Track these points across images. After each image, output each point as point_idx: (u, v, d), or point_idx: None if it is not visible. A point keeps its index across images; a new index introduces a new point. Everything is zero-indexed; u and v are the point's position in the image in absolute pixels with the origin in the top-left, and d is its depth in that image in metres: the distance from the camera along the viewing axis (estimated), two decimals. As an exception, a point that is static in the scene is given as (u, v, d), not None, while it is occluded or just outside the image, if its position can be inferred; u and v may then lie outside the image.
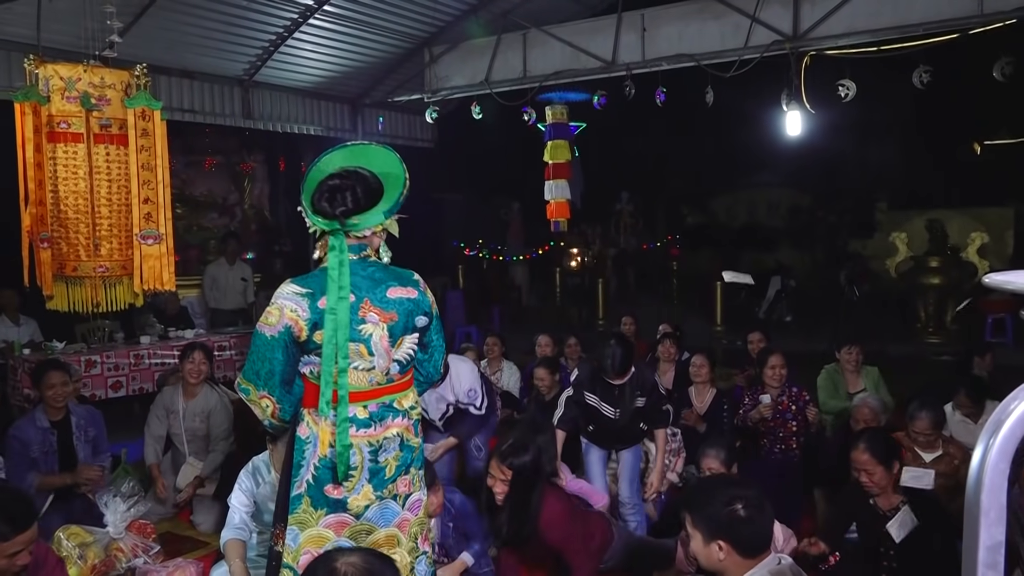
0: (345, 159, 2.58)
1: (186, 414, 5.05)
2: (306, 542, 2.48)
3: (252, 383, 2.47)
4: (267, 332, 2.43)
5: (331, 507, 2.49)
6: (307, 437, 2.50)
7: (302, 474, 2.50)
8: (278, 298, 2.45)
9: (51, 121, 4.61)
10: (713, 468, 3.98)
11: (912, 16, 6.88)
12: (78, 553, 3.76)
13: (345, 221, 2.44)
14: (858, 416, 4.61)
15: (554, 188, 9.50)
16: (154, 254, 4.89)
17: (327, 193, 2.48)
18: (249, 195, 11.95)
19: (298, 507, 2.50)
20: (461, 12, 8.88)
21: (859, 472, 3.39)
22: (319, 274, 2.47)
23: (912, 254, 10.85)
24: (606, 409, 4.34)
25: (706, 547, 2.30)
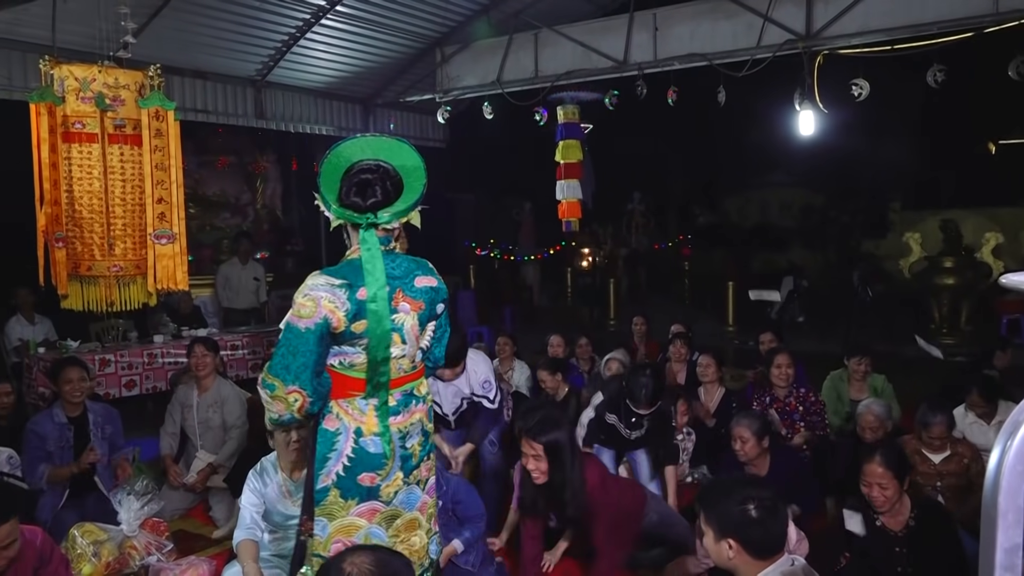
0: (361, 152, 2.58)
1: (199, 407, 5.13)
2: (336, 532, 2.52)
3: (280, 378, 2.41)
4: (301, 324, 2.41)
5: (363, 496, 2.53)
6: (336, 429, 2.51)
7: (329, 466, 2.51)
8: (312, 290, 2.43)
9: (66, 121, 4.64)
10: (744, 437, 4.06)
11: (926, 15, 6.83)
12: (92, 551, 3.78)
13: (377, 214, 2.47)
14: (863, 423, 4.56)
15: (565, 188, 9.49)
16: (167, 253, 4.92)
17: (356, 187, 2.50)
18: (261, 195, 12.00)
19: (325, 499, 2.52)
20: (473, 12, 8.89)
21: (871, 486, 3.25)
22: (349, 266, 2.49)
23: (926, 254, 10.77)
24: (623, 430, 4.45)
25: (716, 544, 2.30)
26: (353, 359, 2.50)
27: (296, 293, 2.45)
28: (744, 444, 4.09)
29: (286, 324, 2.44)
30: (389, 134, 2.72)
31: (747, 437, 4.06)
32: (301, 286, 2.46)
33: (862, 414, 4.59)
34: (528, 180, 13.15)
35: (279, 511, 3.72)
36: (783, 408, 4.98)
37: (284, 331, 2.44)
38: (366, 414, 2.53)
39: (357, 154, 2.57)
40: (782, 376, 5.04)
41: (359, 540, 2.51)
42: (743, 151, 14.94)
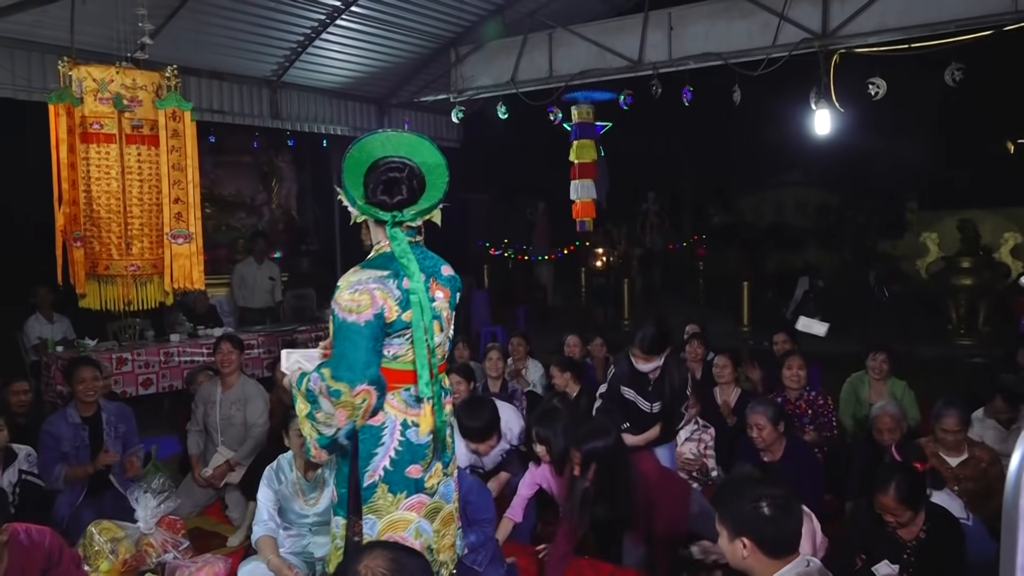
0: (384, 148, 2.59)
1: (222, 404, 5.17)
2: (385, 528, 2.53)
3: (346, 381, 2.38)
4: (360, 320, 2.41)
5: (410, 488, 2.55)
6: (382, 423, 2.52)
7: (376, 462, 2.52)
8: (360, 284, 2.43)
9: (84, 122, 4.68)
10: (761, 424, 4.13)
11: (944, 13, 6.77)
12: (110, 548, 3.81)
13: (403, 211, 2.51)
14: (880, 425, 4.52)
15: (580, 188, 9.48)
16: (184, 253, 4.96)
17: (383, 185, 2.53)
18: (277, 195, 12.06)
19: (372, 496, 2.53)
20: (487, 12, 8.89)
21: (883, 511, 3.24)
22: (386, 258, 2.51)
23: (943, 254, 10.69)
24: (643, 404, 4.31)
25: (731, 543, 2.29)
26: (397, 351, 2.51)
27: (337, 295, 2.45)
28: (761, 431, 4.21)
29: (342, 323, 2.42)
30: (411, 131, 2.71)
31: (763, 424, 4.20)
32: (342, 286, 2.46)
33: (878, 415, 4.55)
34: (542, 180, 13.15)
35: (294, 509, 3.74)
36: (793, 410, 4.96)
37: (341, 331, 2.42)
38: (412, 405, 2.55)
39: (380, 150, 2.59)
40: (793, 378, 5.03)
41: (410, 535, 2.53)
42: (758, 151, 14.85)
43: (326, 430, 2.43)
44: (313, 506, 3.74)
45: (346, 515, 2.58)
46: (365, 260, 2.56)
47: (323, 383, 2.39)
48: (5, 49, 6.43)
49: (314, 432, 2.45)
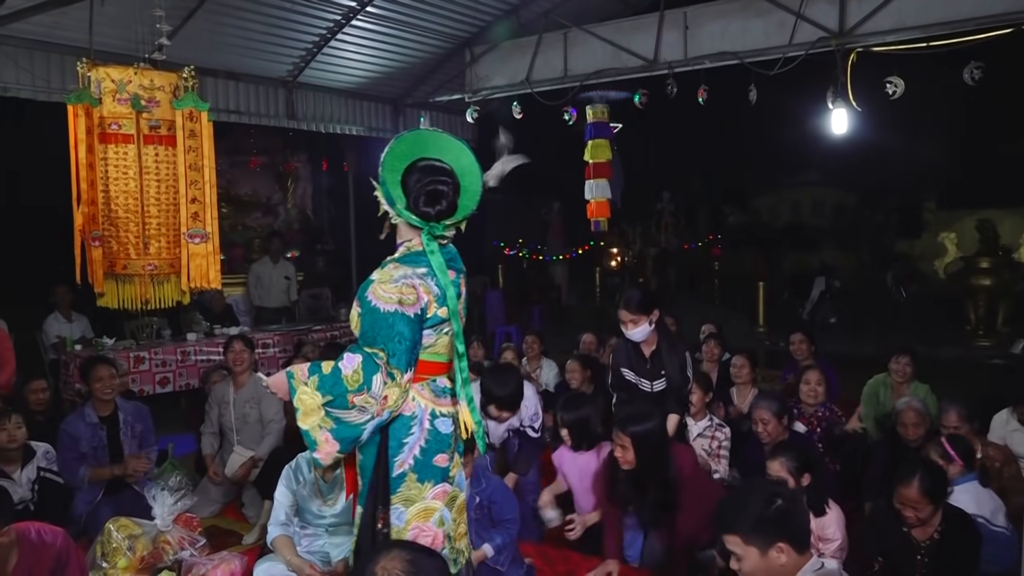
0: (424, 148, 2.65)
1: (236, 403, 5.20)
2: (413, 517, 2.58)
3: (399, 368, 2.44)
4: (410, 311, 2.48)
5: (436, 478, 2.61)
6: (413, 413, 2.57)
7: (406, 451, 2.57)
8: (404, 278, 2.50)
9: (103, 123, 4.72)
10: (765, 418, 4.24)
11: (963, 11, 6.71)
12: (127, 545, 3.84)
13: (439, 224, 2.59)
14: (904, 420, 4.50)
15: (594, 187, 9.45)
16: (201, 252, 4.98)
17: (426, 195, 2.59)
18: (292, 195, 12.12)
19: (401, 485, 2.58)
20: (502, 12, 8.89)
21: (904, 506, 3.23)
22: (419, 255, 2.58)
23: (962, 255, 10.60)
24: (644, 384, 4.32)
25: (765, 557, 2.21)
26: (428, 341, 2.58)
27: (376, 288, 2.49)
28: (766, 425, 4.27)
29: (392, 314, 2.45)
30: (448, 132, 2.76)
31: (768, 418, 4.26)
32: (383, 279, 2.50)
33: (902, 411, 4.53)
34: (557, 180, 13.13)
35: (311, 509, 3.76)
36: (806, 424, 4.91)
37: (388, 320, 2.45)
38: (440, 396, 2.63)
39: (420, 149, 2.64)
40: (811, 394, 4.97)
41: (434, 523, 2.59)
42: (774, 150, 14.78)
43: (356, 417, 2.40)
44: (331, 507, 3.76)
45: (365, 505, 2.62)
46: (399, 256, 2.61)
47: (379, 360, 2.41)
48: (25, 50, 6.49)
49: (328, 422, 2.40)
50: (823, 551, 3.50)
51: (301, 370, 2.47)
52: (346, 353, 2.45)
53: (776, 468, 3.54)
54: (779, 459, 3.56)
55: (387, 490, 2.58)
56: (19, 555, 2.91)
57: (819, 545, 3.52)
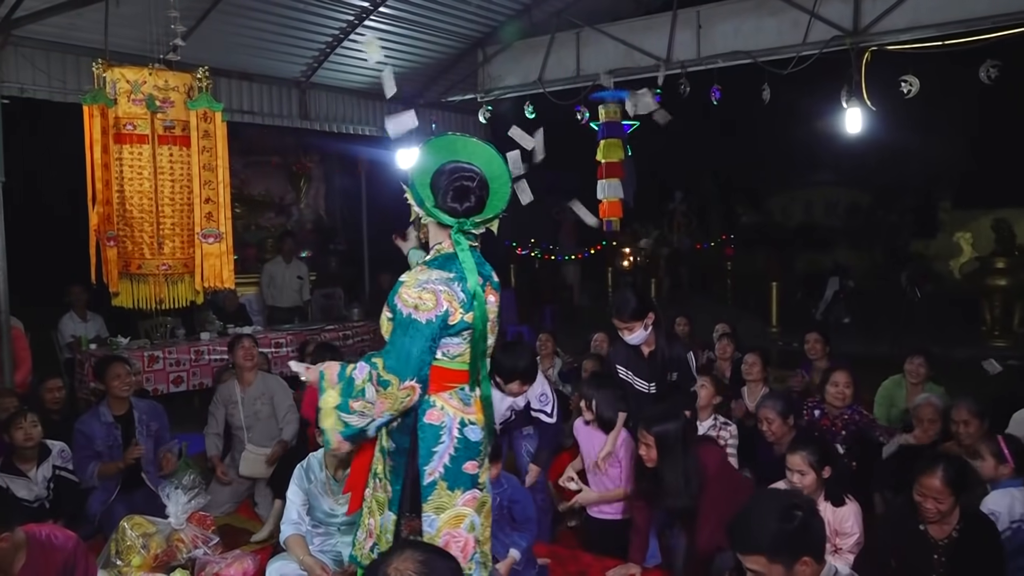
0: (454, 152, 2.67)
1: (245, 402, 5.19)
2: (444, 524, 2.61)
3: (397, 374, 2.46)
4: (423, 318, 2.48)
5: (466, 484, 2.64)
6: (441, 422, 2.59)
7: (436, 460, 2.59)
8: (429, 283, 2.51)
9: (118, 123, 4.74)
10: (770, 417, 4.25)
11: (979, 9, 6.65)
12: (141, 543, 3.86)
13: (468, 220, 2.60)
14: (920, 415, 4.47)
15: (606, 187, 9.43)
16: (214, 252, 4.99)
17: (454, 191, 2.60)
18: (305, 195, 12.15)
19: (432, 493, 2.60)
20: (514, 12, 8.89)
21: (925, 498, 3.17)
22: (448, 259, 2.59)
23: (977, 255, 10.52)
24: (639, 384, 4.25)
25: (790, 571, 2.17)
26: (456, 350, 2.59)
27: (402, 290, 2.51)
28: (771, 424, 4.25)
29: (405, 319, 2.48)
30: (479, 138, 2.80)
31: (772, 417, 4.24)
32: (408, 281, 2.53)
33: (920, 406, 4.52)
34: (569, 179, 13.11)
35: (323, 508, 3.77)
36: (829, 427, 4.77)
37: (402, 326, 2.49)
38: (469, 404, 2.65)
39: (449, 153, 2.67)
40: (839, 396, 4.73)
41: (464, 529, 2.63)
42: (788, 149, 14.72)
43: (358, 421, 2.49)
44: (343, 506, 3.76)
45: (397, 512, 2.64)
46: (429, 259, 2.63)
47: (375, 372, 2.46)
48: (41, 51, 6.54)
49: (339, 425, 2.50)
50: (840, 546, 3.49)
51: (331, 375, 2.53)
52: (360, 361, 2.52)
53: (797, 462, 3.49)
54: (800, 453, 3.51)
55: (418, 498, 2.61)
56: (27, 556, 2.92)
57: (836, 540, 3.49)
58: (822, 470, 3.51)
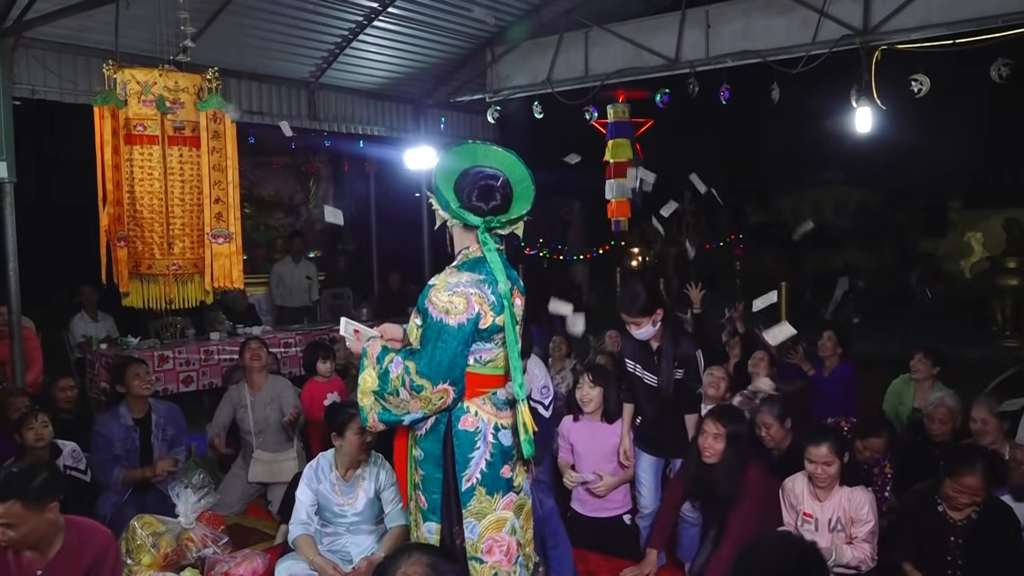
0: (476, 158, 2.69)
1: (255, 406, 5.18)
2: (486, 529, 2.62)
3: (429, 378, 2.47)
4: (453, 322, 2.49)
5: (504, 488, 2.65)
6: (476, 428, 2.60)
7: (472, 466, 2.60)
8: (459, 286, 2.52)
9: (128, 124, 4.77)
10: (768, 422, 4.20)
11: (990, 7, 6.61)
12: (151, 542, 3.88)
13: (495, 218, 2.61)
14: (934, 415, 4.46)
15: (615, 187, 9.44)
16: (224, 252, 5.02)
17: (479, 190, 2.61)
18: (314, 195, 12.17)
19: (471, 500, 2.62)
20: (523, 12, 8.88)
21: (960, 493, 3.23)
22: (478, 262, 2.60)
23: (988, 254, 10.47)
24: (648, 378, 4.24)
25: None
26: (488, 355, 2.60)
27: (432, 294, 2.52)
28: (769, 429, 4.20)
29: (436, 323, 2.49)
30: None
31: (770, 422, 4.18)
32: (438, 285, 2.53)
33: (935, 407, 4.51)
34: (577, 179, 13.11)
35: (331, 508, 3.78)
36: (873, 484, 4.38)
37: (433, 330, 2.49)
38: (502, 409, 2.65)
39: (470, 159, 2.68)
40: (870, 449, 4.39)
41: (506, 533, 2.64)
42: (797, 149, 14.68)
43: (395, 411, 2.54)
44: (352, 506, 3.78)
45: (439, 520, 2.64)
46: (458, 263, 2.64)
47: (407, 376, 2.48)
48: (53, 53, 6.58)
49: (377, 407, 2.55)
50: (855, 534, 3.51)
51: (373, 353, 2.57)
52: (398, 355, 2.54)
53: (824, 454, 3.52)
54: (825, 445, 3.53)
55: (458, 505, 2.62)
56: (63, 542, 2.95)
57: (851, 528, 3.53)
58: (842, 457, 3.59)
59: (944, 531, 3.31)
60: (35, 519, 2.86)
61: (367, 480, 3.79)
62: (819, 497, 3.60)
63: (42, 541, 2.91)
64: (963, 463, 3.27)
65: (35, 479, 2.92)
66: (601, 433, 4.42)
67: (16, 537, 2.84)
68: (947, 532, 3.31)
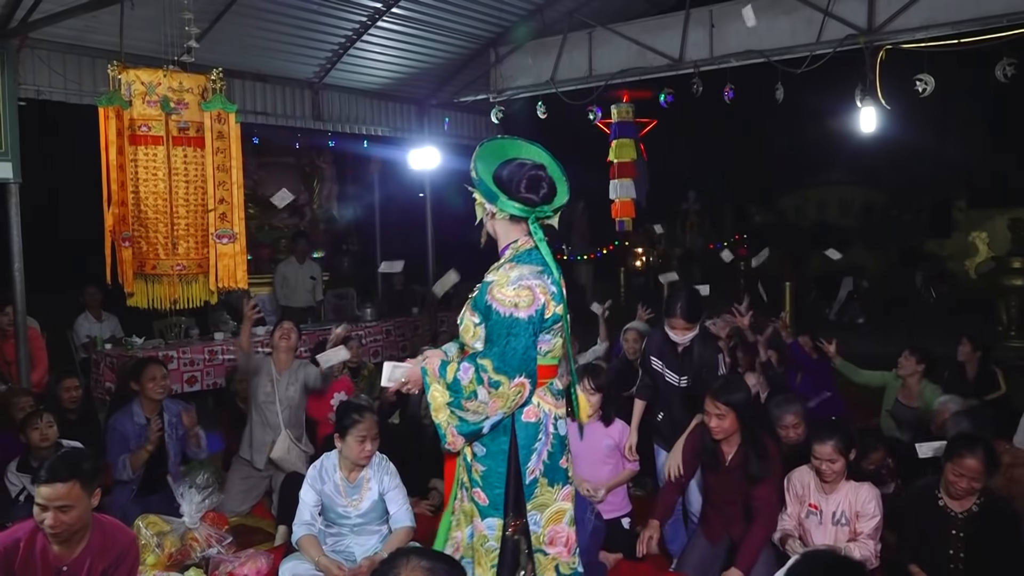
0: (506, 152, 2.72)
1: (280, 383, 5.16)
2: (548, 521, 2.67)
3: (506, 374, 2.48)
4: (523, 315, 2.51)
5: (563, 480, 2.70)
6: (538, 419, 2.63)
7: (535, 458, 2.62)
8: (523, 280, 2.54)
9: (132, 125, 4.76)
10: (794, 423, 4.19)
11: (995, 7, 6.60)
12: (156, 541, 3.89)
13: (545, 207, 2.63)
14: (939, 419, 4.48)
15: (619, 187, 9.44)
16: (228, 253, 5.01)
17: (526, 181, 2.62)
18: (318, 195, 12.18)
19: (534, 492, 2.64)
20: (527, 12, 8.89)
21: (961, 477, 3.27)
22: (531, 254, 2.62)
23: (993, 254, 10.44)
24: (670, 376, 4.26)
25: None
26: (547, 346, 2.62)
27: (495, 290, 2.53)
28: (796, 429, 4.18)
29: (505, 318, 2.50)
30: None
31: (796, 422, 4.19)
32: (500, 281, 2.54)
33: (938, 410, 4.55)
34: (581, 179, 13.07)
35: (335, 510, 3.78)
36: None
37: (502, 326, 2.50)
38: (559, 399, 2.70)
39: (501, 155, 2.70)
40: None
41: (566, 523, 2.69)
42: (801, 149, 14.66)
43: (473, 418, 2.53)
44: (356, 507, 3.78)
45: (502, 516, 2.64)
46: (512, 257, 2.64)
47: (484, 374, 2.48)
48: (58, 54, 6.59)
49: (454, 419, 2.54)
50: (861, 529, 3.54)
51: (433, 368, 2.57)
52: (464, 362, 2.54)
53: (828, 452, 3.55)
54: (830, 442, 3.56)
55: (521, 498, 2.63)
56: (89, 539, 2.90)
57: (856, 524, 3.56)
58: (849, 453, 3.60)
59: (945, 524, 3.34)
60: (85, 505, 2.83)
61: (372, 481, 3.79)
62: (825, 490, 3.64)
63: (78, 534, 2.86)
64: (964, 445, 3.32)
65: (87, 462, 2.90)
66: (597, 435, 4.39)
67: (67, 522, 2.79)
68: (948, 525, 3.33)
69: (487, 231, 2.76)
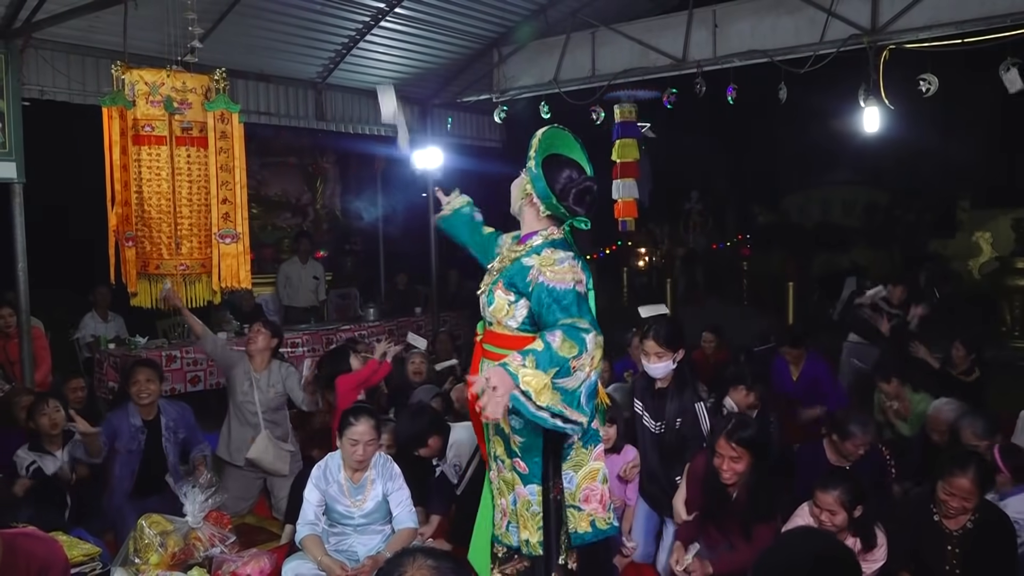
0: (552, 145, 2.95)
1: (260, 384, 5.18)
2: (583, 480, 2.88)
3: (594, 327, 2.67)
4: (582, 288, 2.79)
5: (595, 440, 2.93)
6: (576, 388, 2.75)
7: None
8: (564, 261, 2.80)
9: (136, 125, 4.78)
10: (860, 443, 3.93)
11: (999, 7, 6.58)
12: (159, 541, 3.89)
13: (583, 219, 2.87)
14: (933, 425, 4.49)
15: (621, 187, 9.43)
16: (231, 253, 5.02)
17: (577, 194, 2.86)
18: (321, 195, 12.20)
19: (570, 453, 2.88)
20: (530, 12, 8.88)
21: (952, 496, 3.19)
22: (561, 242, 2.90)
23: (997, 255, 10.42)
24: (648, 421, 4.15)
25: None
26: None
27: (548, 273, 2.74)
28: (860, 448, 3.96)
29: (571, 291, 2.72)
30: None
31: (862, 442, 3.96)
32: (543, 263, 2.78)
33: (932, 416, 4.56)
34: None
35: (338, 510, 3.78)
36: None
37: (569, 298, 2.71)
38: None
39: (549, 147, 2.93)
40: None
41: (599, 482, 2.88)
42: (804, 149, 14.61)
43: (573, 384, 2.54)
44: (359, 507, 3.78)
45: (540, 482, 2.86)
46: (548, 242, 2.88)
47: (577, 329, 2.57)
48: (61, 54, 6.60)
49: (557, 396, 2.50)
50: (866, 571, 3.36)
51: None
52: (543, 334, 2.56)
53: (829, 502, 3.30)
54: (833, 492, 3.30)
55: (557, 464, 2.84)
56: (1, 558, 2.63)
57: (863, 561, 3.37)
58: (854, 510, 3.32)
59: (940, 541, 3.28)
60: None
61: (376, 482, 3.79)
62: None
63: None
64: (955, 464, 3.24)
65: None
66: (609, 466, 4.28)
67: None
68: (943, 542, 3.28)
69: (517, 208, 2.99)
